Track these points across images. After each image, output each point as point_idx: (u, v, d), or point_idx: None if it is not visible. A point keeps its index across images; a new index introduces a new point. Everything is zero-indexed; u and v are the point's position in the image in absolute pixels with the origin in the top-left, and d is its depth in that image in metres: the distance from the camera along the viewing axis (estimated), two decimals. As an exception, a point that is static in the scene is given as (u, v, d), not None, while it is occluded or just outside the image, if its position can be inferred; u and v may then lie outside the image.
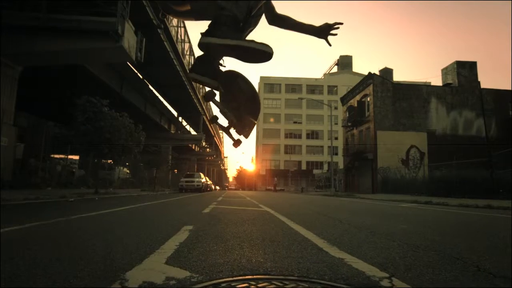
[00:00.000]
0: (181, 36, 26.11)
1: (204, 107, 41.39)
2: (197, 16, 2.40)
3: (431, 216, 6.44)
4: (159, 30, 19.50)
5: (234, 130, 2.47)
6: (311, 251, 2.36)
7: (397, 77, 79.31)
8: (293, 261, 2.00)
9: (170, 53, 22.72)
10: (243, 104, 2.27)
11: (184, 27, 26.88)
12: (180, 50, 25.12)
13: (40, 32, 12.16)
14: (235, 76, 2.30)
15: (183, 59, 26.48)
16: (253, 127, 2.43)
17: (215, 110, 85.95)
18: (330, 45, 2.38)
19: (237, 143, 2.47)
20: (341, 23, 2.30)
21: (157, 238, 2.80)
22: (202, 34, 2.15)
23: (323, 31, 2.33)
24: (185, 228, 3.45)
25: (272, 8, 2.41)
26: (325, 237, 3.04)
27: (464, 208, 8.80)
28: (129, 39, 13.36)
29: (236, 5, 2.12)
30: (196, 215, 5.29)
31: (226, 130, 2.44)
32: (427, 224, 4.89)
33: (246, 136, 2.55)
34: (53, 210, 6.14)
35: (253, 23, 2.41)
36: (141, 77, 27.16)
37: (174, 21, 23.01)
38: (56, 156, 33.09)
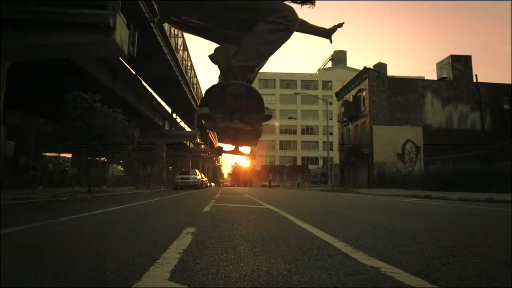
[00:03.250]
0: (174, 31, 25.57)
1: (198, 104, 40.88)
2: (196, 34, 2.25)
3: (443, 212, 6.17)
4: (152, 24, 19.00)
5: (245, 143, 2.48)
6: (336, 258, 2.04)
7: (391, 72, 79.06)
8: (322, 273, 1.68)
9: (164, 48, 22.23)
10: (245, 107, 2.04)
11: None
12: (173, 45, 24.62)
13: (28, 26, 11.65)
14: (215, 88, 2.07)
15: (176, 54, 25.99)
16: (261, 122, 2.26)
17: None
18: (331, 42, 2.52)
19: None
20: (343, 23, 2.44)
21: (157, 244, 2.47)
22: (199, 105, 2.12)
23: (332, 32, 2.45)
24: (186, 231, 3.12)
25: None
26: (345, 239, 2.73)
27: (468, 202, 8.57)
28: (121, 32, 12.90)
29: (235, 82, 1.96)
30: (196, 215, 4.97)
31: (236, 152, 2.45)
32: (446, 221, 4.62)
33: (256, 142, 2.56)
34: (42, 210, 5.78)
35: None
36: (134, 72, 26.63)
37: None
38: (48, 154, 32.49)
